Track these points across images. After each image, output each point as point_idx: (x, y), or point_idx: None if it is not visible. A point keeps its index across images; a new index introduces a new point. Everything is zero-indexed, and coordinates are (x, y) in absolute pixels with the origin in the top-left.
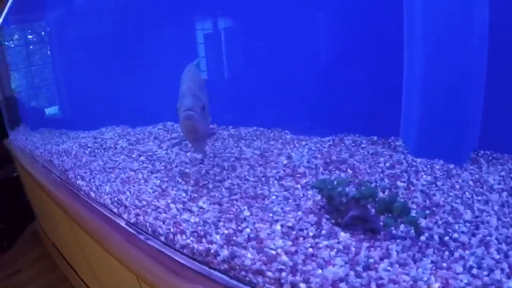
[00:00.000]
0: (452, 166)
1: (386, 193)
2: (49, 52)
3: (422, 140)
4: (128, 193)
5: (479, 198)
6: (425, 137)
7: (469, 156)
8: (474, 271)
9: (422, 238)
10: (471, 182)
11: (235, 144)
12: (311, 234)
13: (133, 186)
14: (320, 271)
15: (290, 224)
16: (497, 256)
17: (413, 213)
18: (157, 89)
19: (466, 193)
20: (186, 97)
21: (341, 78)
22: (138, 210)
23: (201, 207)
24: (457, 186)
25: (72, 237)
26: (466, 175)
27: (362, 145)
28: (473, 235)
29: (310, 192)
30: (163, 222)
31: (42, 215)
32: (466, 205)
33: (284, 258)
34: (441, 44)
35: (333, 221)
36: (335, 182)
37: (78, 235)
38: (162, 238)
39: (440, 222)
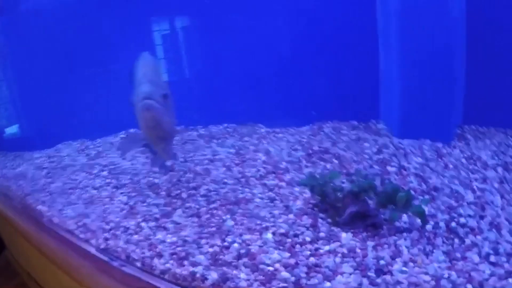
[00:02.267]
0: (440, 145)
1: (377, 181)
2: None
3: (406, 121)
4: (93, 215)
5: (476, 176)
6: (409, 117)
7: (455, 133)
8: (492, 258)
9: (428, 227)
10: (463, 160)
11: (207, 145)
12: (308, 239)
13: (98, 206)
14: (328, 283)
15: (282, 230)
16: None
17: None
18: (115, 96)
19: (462, 172)
20: (142, 84)
21: (312, 65)
22: (107, 234)
23: (177, 223)
24: (451, 166)
25: (45, 265)
26: (457, 153)
27: (342, 132)
28: (481, 217)
29: (297, 189)
30: (136, 245)
31: (12, 244)
32: (465, 186)
33: (284, 273)
34: (419, 21)
35: (329, 220)
36: (328, 177)
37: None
38: (138, 264)
39: (443, 208)
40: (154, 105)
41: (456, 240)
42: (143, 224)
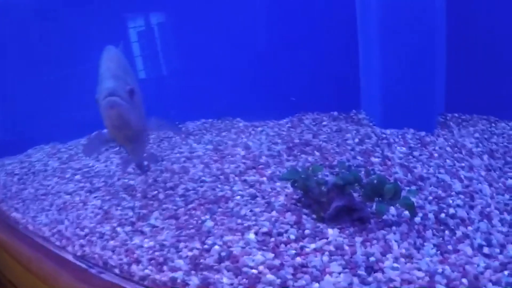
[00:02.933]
0: (423, 133)
1: (361, 173)
2: None
3: (388, 110)
4: (66, 221)
5: (462, 164)
6: (391, 106)
7: (438, 121)
8: (486, 250)
9: (417, 219)
10: (448, 148)
11: (184, 142)
12: (293, 237)
13: (71, 212)
14: (316, 284)
15: (265, 229)
16: (504, 229)
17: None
18: (87, 96)
19: (447, 160)
20: (105, 79)
21: (290, 57)
22: (82, 240)
23: (154, 226)
24: (436, 155)
25: (26, 275)
26: (441, 141)
27: (323, 123)
28: (471, 207)
29: (278, 184)
30: (113, 252)
31: None
32: (452, 174)
33: (269, 276)
34: (399, 10)
35: (314, 216)
36: (310, 170)
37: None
38: (117, 270)
39: (430, 198)
40: (118, 102)
41: (447, 232)
42: (118, 229)
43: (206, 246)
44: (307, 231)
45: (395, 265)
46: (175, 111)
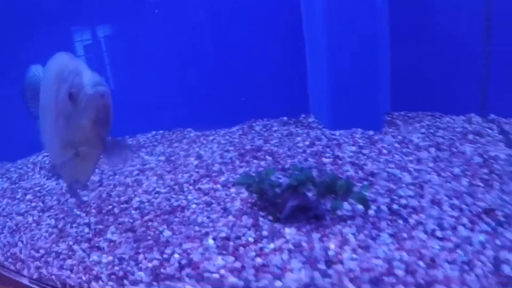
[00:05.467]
0: (371, 132)
1: (314, 173)
2: None
3: (336, 112)
4: (20, 243)
5: (410, 158)
6: (339, 109)
7: (385, 119)
8: (438, 233)
9: (371, 212)
10: (396, 144)
11: (135, 155)
12: (251, 239)
13: (24, 233)
14: (279, 283)
15: (223, 234)
16: (454, 213)
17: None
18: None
19: (396, 156)
20: (84, 71)
21: (237, 64)
22: (38, 262)
23: (111, 240)
24: (384, 151)
25: None
26: (389, 138)
27: (273, 128)
28: (421, 196)
29: (233, 190)
30: (71, 271)
31: None
32: (401, 168)
33: (232, 279)
34: (343, 14)
35: (270, 217)
36: (263, 174)
37: None
38: None
39: (382, 191)
40: (108, 92)
41: (401, 221)
42: (75, 246)
43: (165, 256)
44: (264, 233)
45: (354, 255)
46: (125, 124)
